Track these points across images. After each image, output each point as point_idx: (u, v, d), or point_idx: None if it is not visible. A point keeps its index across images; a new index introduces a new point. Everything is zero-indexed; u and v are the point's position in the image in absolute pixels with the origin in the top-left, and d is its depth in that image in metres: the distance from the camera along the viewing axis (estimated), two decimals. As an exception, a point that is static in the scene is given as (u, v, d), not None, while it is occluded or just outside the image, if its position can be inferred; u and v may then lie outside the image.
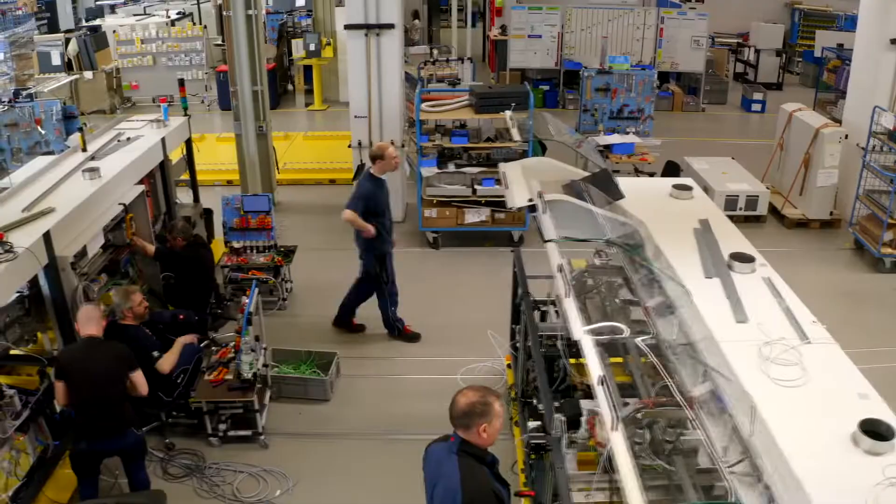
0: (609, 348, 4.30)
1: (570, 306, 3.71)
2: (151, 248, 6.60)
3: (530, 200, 4.71)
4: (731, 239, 4.67)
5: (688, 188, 5.34)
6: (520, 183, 4.99)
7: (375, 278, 6.95)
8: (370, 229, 6.68)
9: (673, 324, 3.73)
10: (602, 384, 2.92)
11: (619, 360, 4.36)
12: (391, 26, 8.85)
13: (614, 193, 4.68)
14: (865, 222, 9.13)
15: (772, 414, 3.05)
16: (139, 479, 5.09)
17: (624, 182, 5.27)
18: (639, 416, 3.59)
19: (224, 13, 9.45)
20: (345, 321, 7.33)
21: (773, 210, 10.28)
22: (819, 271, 8.89)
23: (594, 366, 3.19)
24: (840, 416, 3.04)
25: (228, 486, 5.37)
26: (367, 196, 6.71)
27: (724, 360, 3.31)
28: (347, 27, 8.99)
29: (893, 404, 3.14)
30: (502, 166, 5.56)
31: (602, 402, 2.90)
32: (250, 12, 9.32)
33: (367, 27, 8.84)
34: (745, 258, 4.30)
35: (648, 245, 4.33)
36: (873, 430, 2.94)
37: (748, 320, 3.77)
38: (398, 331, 7.21)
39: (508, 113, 8.27)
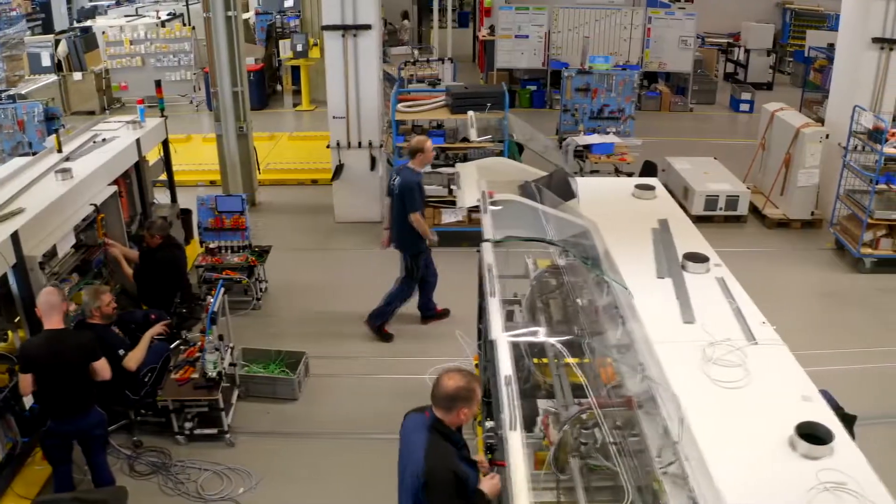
0: (570, 348, 4.31)
1: (494, 306, 3.73)
2: (130, 271, 6.72)
3: (479, 200, 4.73)
4: (690, 239, 4.68)
5: (650, 188, 5.36)
6: (472, 183, 5.01)
7: (408, 274, 7.08)
8: (432, 237, 6.92)
9: (618, 324, 3.75)
10: (507, 385, 2.95)
11: (576, 360, 4.38)
12: (368, 27, 8.87)
13: (567, 194, 4.69)
14: (846, 222, 9.10)
15: (705, 417, 3.02)
16: (102, 476, 5.12)
17: (588, 182, 5.28)
18: (583, 416, 3.61)
19: (204, 15, 9.48)
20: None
21: (754, 210, 10.25)
22: (799, 272, 8.88)
23: (504, 366, 3.22)
24: (780, 418, 3.01)
25: (193, 483, 5.41)
26: (421, 189, 6.87)
27: (656, 361, 3.31)
28: (325, 28, 9.02)
29: (872, 403, 3.08)
30: (458, 166, 5.58)
31: (504, 403, 2.92)
32: (230, 13, 9.35)
33: (345, 28, 8.87)
34: (698, 258, 4.31)
35: (599, 245, 4.33)
36: (811, 433, 2.91)
37: (695, 321, 3.78)
38: (380, 326, 7.24)
39: (471, 113, 8.31)
